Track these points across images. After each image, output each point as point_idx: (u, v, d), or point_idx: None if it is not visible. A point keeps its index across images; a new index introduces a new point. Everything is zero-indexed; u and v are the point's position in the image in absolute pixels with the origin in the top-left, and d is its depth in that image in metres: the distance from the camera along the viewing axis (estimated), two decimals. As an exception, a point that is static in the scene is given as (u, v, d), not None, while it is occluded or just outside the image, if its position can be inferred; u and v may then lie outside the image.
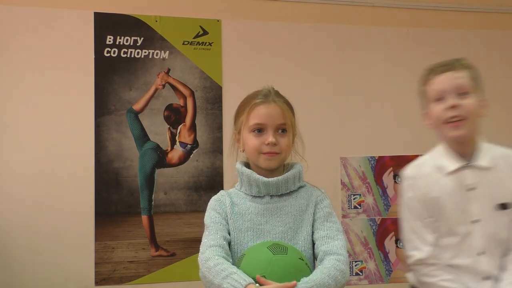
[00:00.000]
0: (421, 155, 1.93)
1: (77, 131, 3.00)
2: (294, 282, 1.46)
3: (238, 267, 1.55)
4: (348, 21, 3.49)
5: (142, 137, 3.11)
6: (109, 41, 3.16)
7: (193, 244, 3.08)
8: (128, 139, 3.09)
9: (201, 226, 3.45)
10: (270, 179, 1.68)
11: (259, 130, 1.68)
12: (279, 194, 1.70)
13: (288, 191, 1.71)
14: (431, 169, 1.82)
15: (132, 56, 3.16)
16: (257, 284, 1.46)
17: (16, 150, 2.99)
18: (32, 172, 2.97)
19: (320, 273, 1.53)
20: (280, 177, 1.69)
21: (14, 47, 3.02)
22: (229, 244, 1.66)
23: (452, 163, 1.78)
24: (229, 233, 1.67)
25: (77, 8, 3.12)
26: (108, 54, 3.15)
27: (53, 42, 3.05)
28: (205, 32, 3.30)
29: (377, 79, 3.42)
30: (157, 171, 3.12)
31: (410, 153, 2.91)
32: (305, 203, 1.70)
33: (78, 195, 2.97)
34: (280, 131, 1.68)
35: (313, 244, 1.68)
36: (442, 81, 1.76)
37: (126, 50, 3.18)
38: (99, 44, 3.14)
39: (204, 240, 1.66)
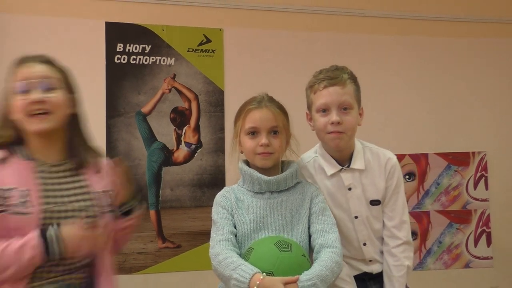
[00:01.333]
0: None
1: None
2: (297, 276, 1.51)
3: (247, 260, 1.58)
4: (340, 29, 3.49)
5: (150, 137, 3.14)
6: (119, 49, 3.17)
7: (198, 236, 3.14)
8: (137, 139, 3.13)
9: (205, 220, 3.46)
10: (271, 177, 1.72)
11: (254, 133, 1.72)
12: (278, 190, 1.74)
13: (286, 188, 1.75)
14: (315, 171, 1.87)
15: (141, 62, 3.17)
16: (264, 274, 1.51)
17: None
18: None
19: (318, 266, 1.58)
20: (280, 176, 1.73)
21: (31, 53, 2.98)
22: (236, 236, 1.69)
23: (330, 168, 1.84)
24: (235, 227, 1.70)
25: (90, 18, 3.12)
26: (118, 61, 3.16)
27: (67, 49, 3.01)
28: (208, 40, 3.30)
29: (366, 83, 3.39)
30: (164, 169, 3.16)
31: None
32: (301, 198, 1.74)
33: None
34: (272, 133, 1.72)
35: (309, 236, 1.71)
36: (329, 94, 1.76)
37: (135, 57, 3.18)
38: (110, 52, 3.15)
39: (213, 235, 1.70)
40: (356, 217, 1.82)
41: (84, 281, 1.64)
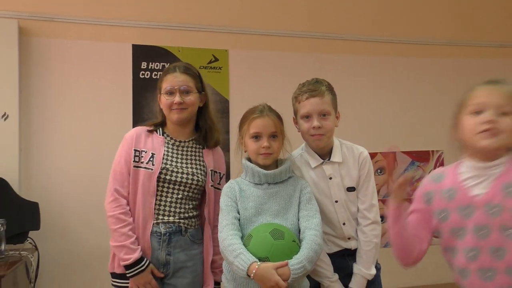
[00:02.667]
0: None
1: (119, 136, 3.01)
2: (286, 261, 1.56)
3: (246, 246, 1.61)
4: (323, 50, 3.53)
5: (169, 139, 3.15)
6: (143, 66, 3.20)
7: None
8: (158, 140, 3.13)
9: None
10: (269, 171, 1.76)
11: (257, 137, 1.75)
12: (274, 182, 1.77)
13: (281, 180, 1.78)
14: (301, 164, 1.89)
15: (161, 77, 3.21)
16: (259, 262, 1.55)
17: (76, 149, 3.03)
18: (89, 159, 3.03)
19: (305, 249, 1.61)
20: (276, 170, 1.76)
21: (69, 71, 3.04)
22: (239, 220, 1.71)
23: (314, 162, 1.86)
24: (238, 212, 1.72)
25: (119, 41, 3.17)
26: (143, 76, 3.20)
27: (101, 67, 3.10)
28: (216, 59, 3.34)
29: (347, 94, 3.45)
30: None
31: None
32: (293, 189, 1.77)
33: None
34: (272, 137, 1.76)
35: (299, 219, 1.75)
36: (311, 104, 1.79)
37: (156, 73, 3.20)
38: (136, 69, 3.18)
39: (220, 220, 1.73)
40: (336, 201, 1.83)
41: (192, 227, 1.91)
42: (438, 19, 3.82)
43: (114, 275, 1.88)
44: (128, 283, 1.82)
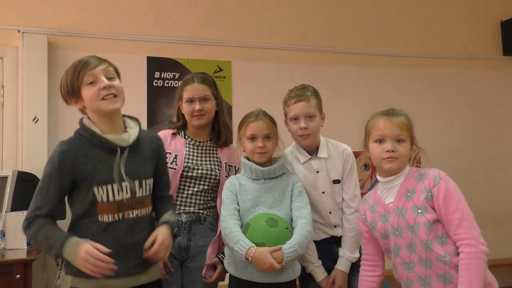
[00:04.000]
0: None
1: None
2: (280, 246, 1.56)
3: (245, 233, 1.61)
4: (315, 62, 3.50)
5: (179, 139, 3.14)
6: (157, 76, 3.19)
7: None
8: (169, 141, 3.11)
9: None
10: (264, 168, 1.76)
11: (253, 138, 1.75)
12: (270, 177, 1.76)
13: (275, 176, 1.77)
14: (292, 160, 1.88)
15: (172, 85, 3.18)
16: (256, 247, 1.55)
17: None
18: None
19: (296, 235, 1.62)
20: (271, 167, 1.77)
21: None
22: (238, 211, 1.71)
23: (303, 157, 1.86)
24: (238, 204, 1.72)
25: (135, 54, 3.16)
26: (156, 84, 3.18)
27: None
28: (221, 69, 3.32)
29: (337, 100, 3.43)
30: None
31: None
32: (286, 184, 1.77)
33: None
34: (266, 138, 1.75)
35: (291, 210, 1.74)
36: (298, 107, 1.79)
37: (168, 81, 3.20)
38: (150, 78, 3.17)
39: (222, 211, 1.74)
40: (323, 192, 1.82)
41: (211, 217, 1.89)
42: (414, 32, 3.80)
43: None
44: None
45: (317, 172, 1.84)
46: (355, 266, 1.80)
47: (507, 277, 3.56)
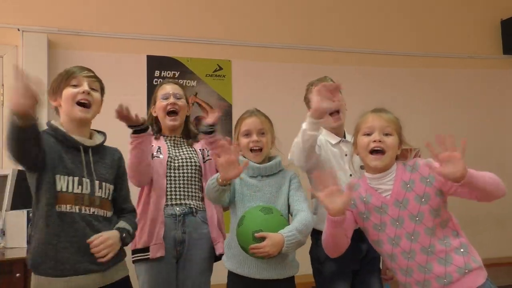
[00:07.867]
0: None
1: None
2: (279, 234, 1.55)
3: (240, 226, 1.61)
4: (314, 61, 3.48)
5: (179, 138, 3.15)
6: (157, 74, 3.19)
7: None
8: (169, 139, 3.11)
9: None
10: (261, 165, 1.77)
11: (247, 134, 1.77)
12: (266, 174, 1.77)
13: (272, 173, 1.78)
14: (323, 143, 1.91)
15: (172, 84, 3.20)
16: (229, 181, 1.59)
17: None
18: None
19: (296, 222, 1.62)
20: (266, 164, 1.77)
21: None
22: (235, 204, 1.73)
23: (333, 139, 1.93)
24: (234, 196, 1.73)
25: (136, 53, 3.17)
26: (156, 83, 3.12)
27: (120, 75, 3.07)
28: (221, 68, 3.33)
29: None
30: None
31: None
32: (283, 180, 1.78)
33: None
34: (260, 133, 1.76)
35: (288, 206, 1.75)
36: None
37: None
38: (150, 76, 3.17)
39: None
40: (350, 175, 1.83)
41: (201, 209, 1.97)
42: (414, 31, 3.80)
43: (135, 251, 1.92)
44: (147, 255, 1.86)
45: (346, 155, 1.88)
46: (375, 265, 1.79)
47: (508, 276, 3.56)
